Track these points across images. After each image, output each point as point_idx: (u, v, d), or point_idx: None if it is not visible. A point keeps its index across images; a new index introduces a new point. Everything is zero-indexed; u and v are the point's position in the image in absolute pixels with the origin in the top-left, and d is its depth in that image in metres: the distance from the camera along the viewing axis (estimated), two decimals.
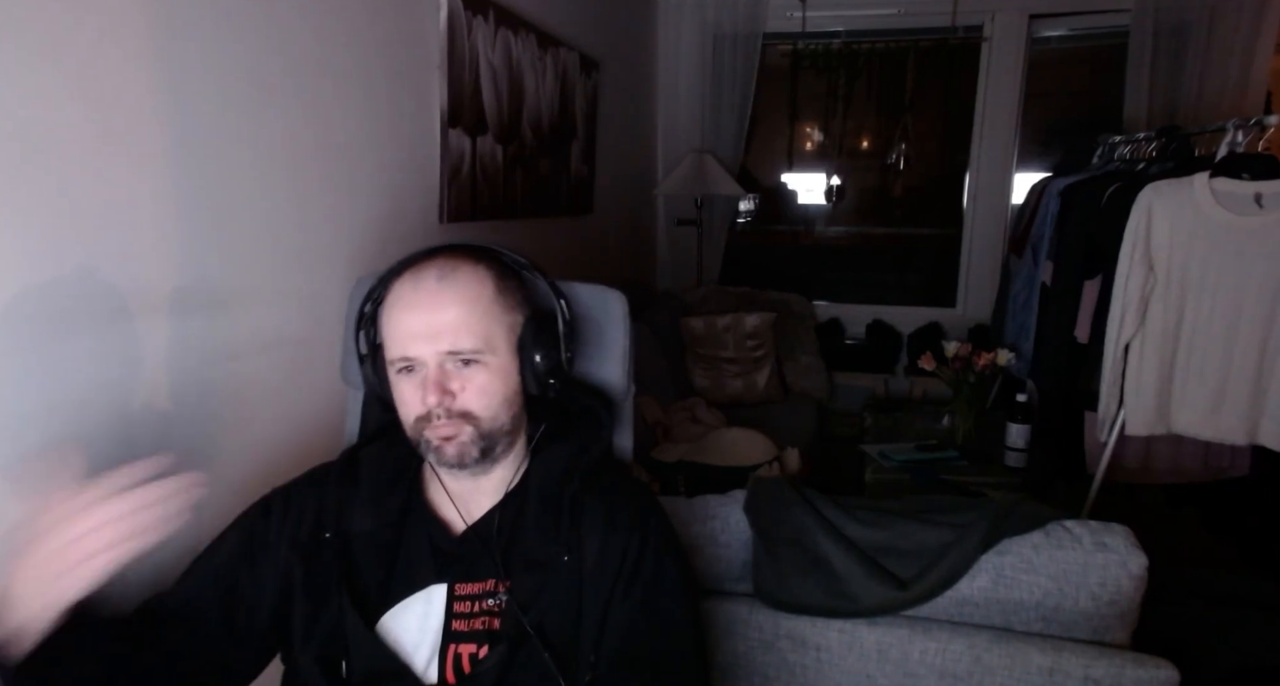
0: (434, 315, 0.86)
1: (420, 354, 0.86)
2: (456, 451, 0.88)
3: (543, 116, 2.43)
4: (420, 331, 0.86)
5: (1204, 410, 2.01)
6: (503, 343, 0.90)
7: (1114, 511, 1.40)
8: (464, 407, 0.87)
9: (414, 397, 0.87)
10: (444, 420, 0.87)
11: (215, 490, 1.20)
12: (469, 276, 0.89)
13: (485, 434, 0.89)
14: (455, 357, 0.87)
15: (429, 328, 0.86)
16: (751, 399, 3.28)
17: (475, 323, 0.87)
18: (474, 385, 0.88)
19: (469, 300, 0.88)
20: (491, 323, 0.89)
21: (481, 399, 0.88)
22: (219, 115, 1.19)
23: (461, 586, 0.91)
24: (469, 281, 0.89)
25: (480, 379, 0.88)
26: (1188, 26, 3.15)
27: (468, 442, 0.88)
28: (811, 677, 1.27)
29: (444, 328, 0.86)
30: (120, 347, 1.05)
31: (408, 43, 1.72)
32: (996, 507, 1.25)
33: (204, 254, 1.18)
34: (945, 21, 3.48)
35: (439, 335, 0.86)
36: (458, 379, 0.87)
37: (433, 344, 0.86)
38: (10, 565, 0.71)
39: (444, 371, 0.87)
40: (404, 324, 0.87)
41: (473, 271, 0.90)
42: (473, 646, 0.88)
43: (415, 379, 0.88)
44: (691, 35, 3.65)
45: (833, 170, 3.86)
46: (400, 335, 0.87)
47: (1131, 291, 2.00)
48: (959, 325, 3.67)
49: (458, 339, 0.86)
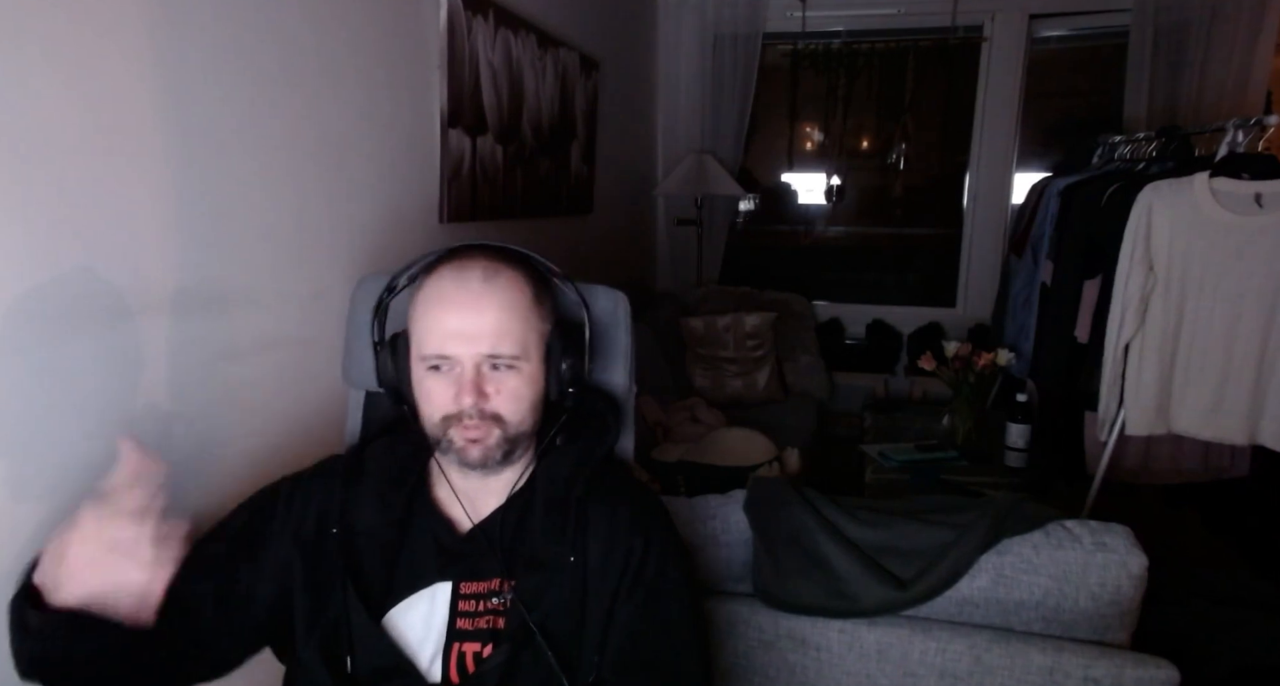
0: (478, 317, 0.86)
1: (458, 353, 0.86)
2: (481, 454, 0.88)
3: (543, 116, 2.43)
4: (462, 331, 0.86)
5: (1204, 410, 2.01)
6: (535, 349, 0.90)
7: (1114, 511, 1.40)
8: (495, 410, 0.88)
9: (444, 396, 0.87)
10: (475, 421, 0.87)
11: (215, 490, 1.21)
12: (511, 280, 0.89)
13: (511, 438, 0.89)
14: (492, 361, 0.87)
15: (472, 328, 0.86)
16: (751, 399, 3.28)
17: (515, 328, 0.87)
18: (507, 389, 0.88)
19: (510, 305, 0.88)
20: (528, 329, 0.89)
21: (512, 403, 0.88)
22: (219, 115, 1.19)
23: (466, 585, 0.91)
24: (511, 285, 0.89)
25: (513, 383, 0.88)
26: (1188, 26, 3.15)
27: (493, 446, 0.88)
28: (811, 677, 1.27)
29: (486, 330, 0.86)
30: (121, 348, 1.05)
31: (408, 43, 1.72)
32: (996, 507, 1.25)
33: (204, 254, 1.18)
34: (945, 21, 3.48)
35: (480, 337, 0.86)
36: (492, 382, 0.87)
37: (473, 345, 0.86)
38: (87, 524, 0.73)
39: (480, 373, 0.87)
40: (444, 321, 0.87)
41: (514, 276, 0.90)
42: (477, 645, 0.88)
43: (447, 377, 0.87)
44: (691, 35, 3.65)
45: (833, 170, 3.86)
46: (439, 332, 0.87)
47: (1131, 291, 2.00)
48: (959, 325, 3.68)
49: (499, 343, 0.86)
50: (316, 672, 0.87)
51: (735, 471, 2.22)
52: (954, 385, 2.62)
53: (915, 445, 2.60)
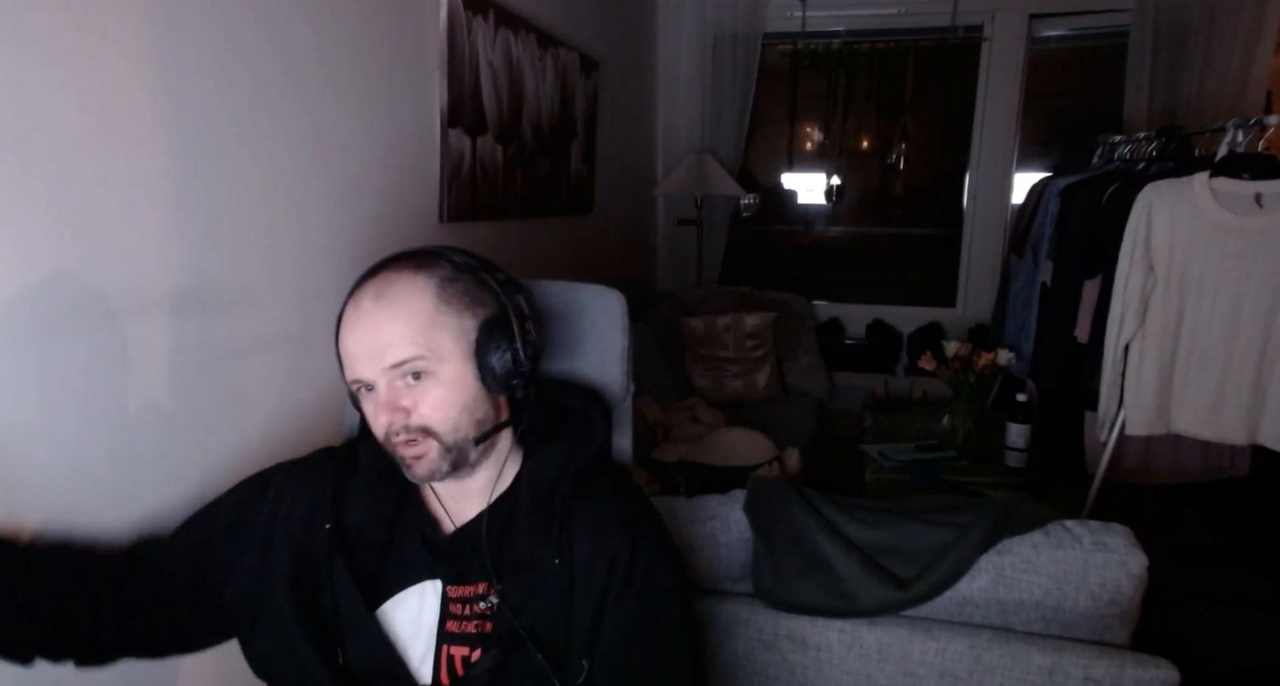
0: (372, 334, 0.85)
1: (368, 375, 0.86)
2: (426, 470, 0.87)
3: (543, 116, 2.43)
4: (363, 352, 0.85)
5: (1204, 410, 2.01)
6: (452, 350, 0.87)
7: (1114, 511, 1.40)
8: (420, 423, 0.86)
9: (375, 418, 0.87)
10: (405, 436, 0.86)
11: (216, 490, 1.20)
12: (405, 289, 0.87)
13: (450, 447, 0.87)
14: (401, 372, 0.85)
15: (370, 347, 0.85)
16: (751, 399, 3.28)
17: (414, 334, 0.85)
18: (427, 400, 0.86)
19: (405, 314, 0.85)
20: (435, 331, 0.86)
21: (437, 412, 0.86)
22: (219, 115, 1.19)
23: (454, 589, 0.91)
24: (405, 295, 0.86)
25: (434, 393, 0.86)
26: (1188, 26, 3.15)
27: (435, 459, 0.87)
28: (811, 677, 1.27)
29: (383, 345, 0.85)
30: (120, 347, 1.05)
31: (408, 43, 1.72)
32: (996, 507, 1.25)
33: (204, 254, 1.18)
34: (945, 21, 3.48)
35: (380, 353, 0.85)
36: (408, 396, 0.86)
37: (376, 362, 0.85)
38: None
39: (394, 389, 0.86)
40: (348, 347, 0.87)
41: (410, 283, 0.87)
42: (465, 649, 0.88)
43: (372, 399, 0.87)
44: (691, 35, 3.65)
45: (833, 170, 3.86)
46: (348, 358, 0.87)
47: (1131, 291, 2.00)
48: (959, 325, 3.68)
49: (398, 351, 0.85)
50: (310, 665, 0.87)
51: (735, 471, 2.22)
52: (954, 385, 2.62)
53: (915, 445, 2.60)
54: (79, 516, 1.00)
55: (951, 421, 2.70)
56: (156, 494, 1.11)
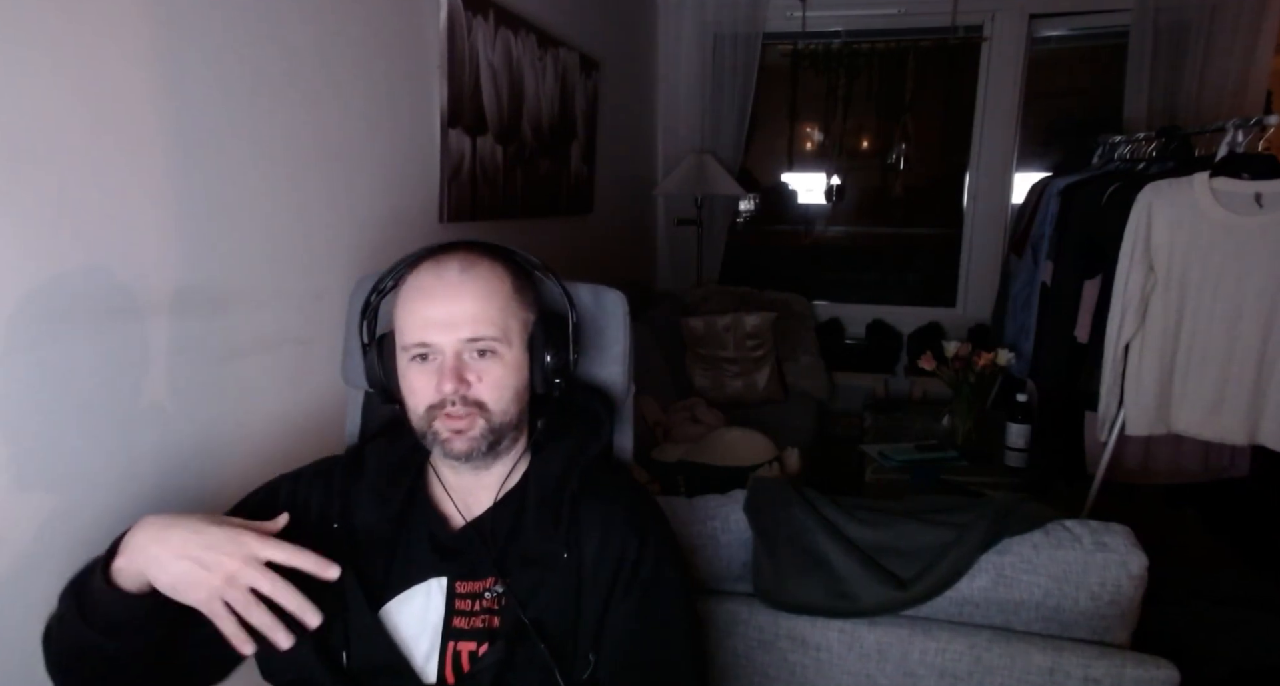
0: (456, 305, 0.88)
1: (439, 341, 0.88)
2: (466, 446, 0.89)
3: (543, 116, 2.43)
4: (441, 319, 0.88)
5: (1204, 410, 2.01)
6: (517, 337, 0.92)
7: (1114, 511, 1.40)
8: (478, 397, 0.89)
9: (427, 386, 0.88)
10: (458, 409, 0.88)
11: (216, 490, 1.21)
12: (489, 270, 0.91)
13: (495, 428, 0.90)
14: (473, 347, 0.88)
15: (450, 316, 0.87)
16: (751, 399, 3.28)
17: (494, 314, 0.89)
18: (490, 376, 0.89)
19: (488, 293, 0.90)
20: (509, 317, 0.91)
21: (495, 390, 0.89)
22: (219, 115, 1.19)
23: (462, 585, 0.91)
24: (489, 274, 0.91)
25: (496, 371, 0.89)
26: (1188, 26, 3.15)
27: (478, 436, 0.89)
28: (811, 677, 1.27)
29: (464, 317, 0.88)
30: (121, 347, 1.06)
31: (408, 43, 1.72)
32: (996, 507, 1.25)
33: (205, 254, 1.18)
34: (945, 21, 3.48)
35: (459, 324, 0.87)
36: (474, 369, 0.89)
37: (452, 332, 0.87)
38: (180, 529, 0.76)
39: (461, 360, 0.88)
40: (423, 311, 0.88)
41: (491, 267, 0.92)
42: (473, 644, 0.88)
43: (430, 367, 0.89)
44: (691, 35, 3.65)
45: (833, 170, 3.86)
46: (419, 322, 0.88)
47: (1131, 291, 2.00)
48: (959, 325, 3.67)
49: (477, 327, 0.88)
50: (312, 668, 0.87)
51: (735, 471, 2.22)
52: (954, 385, 2.62)
53: (915, 445, 2.60)
54: (79, 516, 1.01)
55: (951, 421, 2.70)
56: (157, 494, 1.11)
